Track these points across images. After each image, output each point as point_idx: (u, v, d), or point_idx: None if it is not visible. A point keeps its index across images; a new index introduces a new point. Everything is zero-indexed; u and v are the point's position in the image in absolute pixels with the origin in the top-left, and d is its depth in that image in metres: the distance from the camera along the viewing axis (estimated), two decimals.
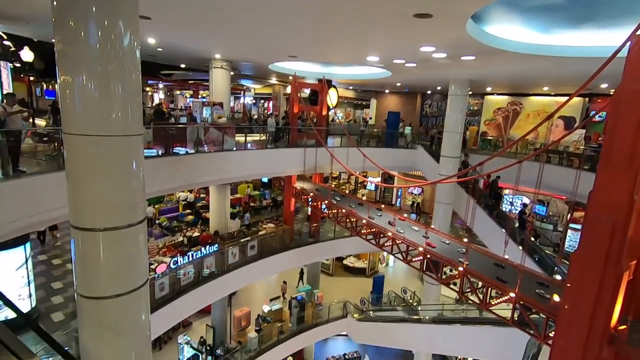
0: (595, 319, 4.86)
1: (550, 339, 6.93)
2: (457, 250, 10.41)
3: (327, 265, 24.02)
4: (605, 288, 4.74)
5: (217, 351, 13.52)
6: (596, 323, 4.85)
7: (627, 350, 4.88)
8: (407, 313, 15.19)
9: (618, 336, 4.90)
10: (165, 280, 10.30)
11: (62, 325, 8.67)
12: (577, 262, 5.27)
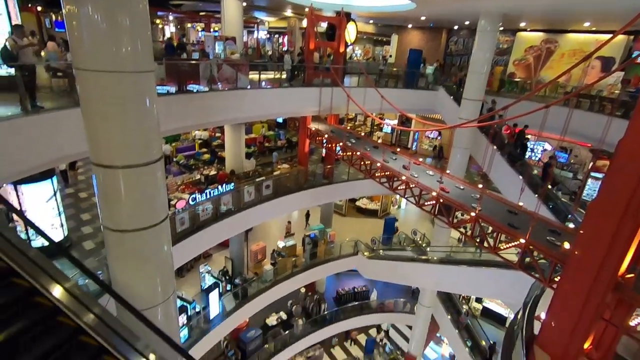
0: (604, 266, 4.91)
1: (555, 283, 7.13)
2: (470, 195, 10.39)
3: (340, 206, 24.61)
4: (619, 238, 4.71)
5: (236, 280, 14.59)
6: (604, 270, 4.91)
7: (632, 297, 4.99)
8: (416, 253, 15.76)
9: (624, 284, 4.98)
10: (185, 215, 10.80)
11: (93, 252, 9.37)
12: (595, 210, 5.21)
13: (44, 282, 3.88)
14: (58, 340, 3.69)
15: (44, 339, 3.62)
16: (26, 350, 3.45)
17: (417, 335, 16.61)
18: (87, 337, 3.90)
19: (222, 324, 12.42)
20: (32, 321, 3.69)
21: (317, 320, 16.31)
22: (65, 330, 3.80)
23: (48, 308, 3.84)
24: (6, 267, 3.91)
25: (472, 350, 13.95)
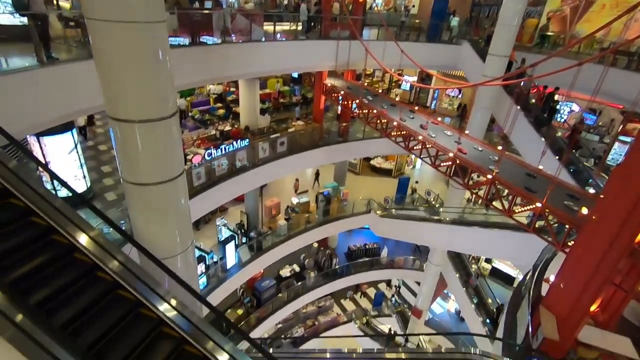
0: (621, 233, 4.82)
1: (568, 248, 7.11)
2: (489, 157, 10.16)
3: (355, 165, 24.57)
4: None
5: (251, 234, 15.12)
6: (621, 237, 4.83)
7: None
8: (428, 213, 15.84)
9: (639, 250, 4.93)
10: (201, 170, 11.01)
11: (115, 203, 9.77)
12: (619, 175, 5.02)
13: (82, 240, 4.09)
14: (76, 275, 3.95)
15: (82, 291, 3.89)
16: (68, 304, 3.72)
17: (424, 291, 17.18)
18: (114, 282, 4.17)
19: (238, 274, 13.08)
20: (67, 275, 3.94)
21: (328, 273, 16.98)
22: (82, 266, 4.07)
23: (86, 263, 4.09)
24: (46, 226, 4.11)
25: (478, 307, 14.41)
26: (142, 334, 3.93)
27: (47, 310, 3.57)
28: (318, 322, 18.03)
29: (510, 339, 6.73)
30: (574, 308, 5.48)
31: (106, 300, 4.00)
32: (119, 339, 3.81)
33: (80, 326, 3.63)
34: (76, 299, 3.78)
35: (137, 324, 3.99)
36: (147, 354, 3.82)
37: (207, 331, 4.04)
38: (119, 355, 3.63)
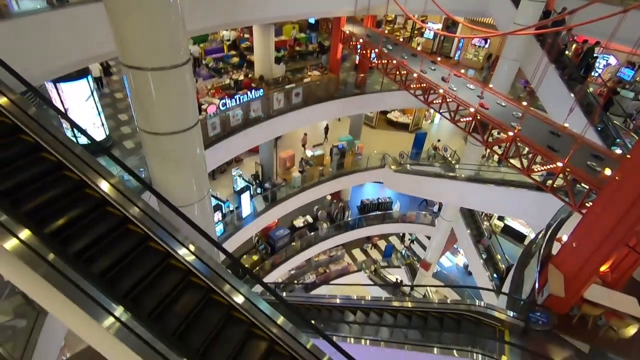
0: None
1: (585, 209, 7.00)
2: (512, 113, 9.74)
3: (371, 118, 24.04)
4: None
5: (265, 185, 15.40)
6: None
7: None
8: (443, 169, 15.66)
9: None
10: (216, 120, 10.98)
11: (134, 151, 9.97)
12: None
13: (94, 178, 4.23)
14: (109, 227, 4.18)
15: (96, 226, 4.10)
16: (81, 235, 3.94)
17: (434, 245, 17.53)
18: (134, 226, 4.37)
19: (253, 223, 13.54)
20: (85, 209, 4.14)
21: (340, 225, 17.41)
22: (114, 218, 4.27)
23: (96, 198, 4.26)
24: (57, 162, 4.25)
25: (486, 263, 14.71)
26: (154, 264, 4.18)
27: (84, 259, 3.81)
28: (329, 270, 18.86)
29: (516, 294, 6.92)
30: (584, 267, 5.52)
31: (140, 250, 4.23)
32: (131, 267, 4.03)
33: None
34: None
35: (147, 254, 4.23)
36: (158, 280, 4.09)
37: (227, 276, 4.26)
38: (129, 283, 3.89)
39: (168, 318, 3.89)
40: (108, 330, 3.35)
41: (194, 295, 4.20)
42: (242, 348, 4.02)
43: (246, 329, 4.17)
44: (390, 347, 6.54)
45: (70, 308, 3.31)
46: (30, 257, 3.31)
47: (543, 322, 5.71)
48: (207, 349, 3.84)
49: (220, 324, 4.07)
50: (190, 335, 3.85)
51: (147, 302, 3.88)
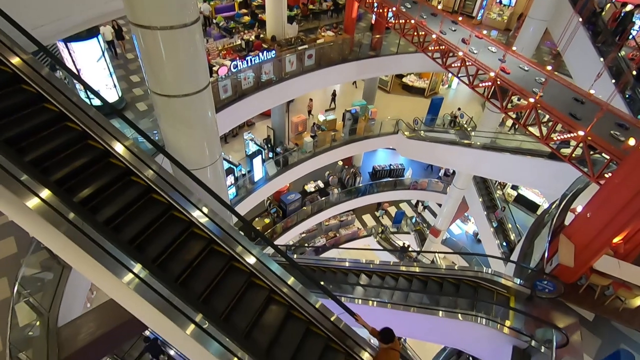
0: None
1: (604, 179, 6.83)
2: (534, 78, 9.29)
3: (385, 82, 23.32)
4: None
5: (277, 149, 15.39)
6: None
7: None
8: (458, 137, 15.31)
9: None
10: (227, 83, 10.81)
11: (146, 113, 9.99)
12: None
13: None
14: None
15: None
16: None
17: (445, 213, 17.55)
18: (156, 194, 4.48)
19: (265, 186, 13.70)
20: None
21: (351, 191, 17.49)
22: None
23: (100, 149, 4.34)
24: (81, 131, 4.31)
25: (496, 231, 14.73)
26: (177, 232, 4.34)
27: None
28: (339, 234, 19.22)
29: (524, 263, 6.96)
30: (597, 238, 5.47)
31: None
32: (156, 237, 4.21)
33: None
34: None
35: (170, 224, 4.38)
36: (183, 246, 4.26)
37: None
38: (157, 249, 4.08)
39: (193, 283, 4.10)
40: (128, 285, 3.55)
41: (219, 262, 4.37)
42: (242, 296, 4.24)
43: (247, 279, 4.37)
44: (396, 309, 6.77)
45: (89, 263, 3.49)
46: (53, 216, 3.46)
47: (549, 290, 5.78)
48: None
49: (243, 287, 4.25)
50: None
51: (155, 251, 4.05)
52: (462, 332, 6.36)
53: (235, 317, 4.11)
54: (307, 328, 4.44)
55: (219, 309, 4.06)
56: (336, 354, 4.39)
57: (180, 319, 3.58)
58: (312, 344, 4.34)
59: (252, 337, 4.09)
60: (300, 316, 4.47)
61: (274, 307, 4.43)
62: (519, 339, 5.52)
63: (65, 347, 4.82)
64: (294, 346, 4.19)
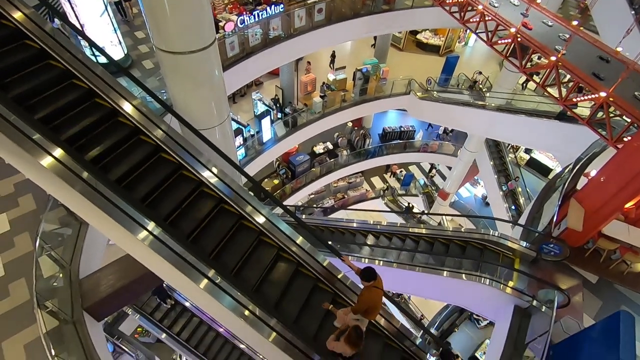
0: None
1: (622, 143, 6.62)
2: (558, 35, 8.75)
3: (399, 39, 22.26)
4: None
5: (286, 110, 15.16)
6: None
7: None
8: (472, 98, 14.82)
9: None
10: (234, 39, 10.43)
11: (153, 72, 9.81)
12: None
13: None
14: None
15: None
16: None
17: (454, 176, 17.44)
18: (166, 154, 4.50)
19: (274, 147, 13.67)
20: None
21: (360, 153, 17.38)
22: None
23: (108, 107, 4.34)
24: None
25: (506, 195, 14.68)
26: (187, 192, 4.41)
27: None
28: (347, 195, 19.39)
29: (532, 226, 6.98)
30: (609, 203, 5.42)
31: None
32: (169, 197, 4.30)
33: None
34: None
35: (180, 183, 4.46)
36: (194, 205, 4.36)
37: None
38: (168, 208, 4.17)
39: (205, 240, 4.23)
40: (143, 242, 3.68)
41: (229, 221, 4.47)
42: (252, 253, 4.40)
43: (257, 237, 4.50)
44: (402, 268, 6.95)
45: (104, 220, 3.61)
46: (68, 175, 3.53)
47: (555, 254, 5.84)
48: None
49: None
50: None
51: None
52: (466, 292, 6.56)
53: (245, 273, 4.28)
54: (315, 285, 4.61)
55: (230, 264, 4.21)
56: (377, 337, 4.58)
57: (193, 273, 3.74)
58: (319, 298, 4.53)
59: (261, 291, 4.28)
60: (307, 272, 4.63)
61: (283, 264, 4.59)
62: (521, 299, 5.67)
63: (87, 297, 5.12)
64: (301, 300, 4.38)
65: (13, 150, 3.43)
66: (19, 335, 5.08)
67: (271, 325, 3.93)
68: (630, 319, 4.01)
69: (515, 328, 5.46)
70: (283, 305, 4.31)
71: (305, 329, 4.23)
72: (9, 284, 5.55)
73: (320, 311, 4.41)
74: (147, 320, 9.63)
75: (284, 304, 4.33)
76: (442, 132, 19.28)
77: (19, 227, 6.31)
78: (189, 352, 9.91)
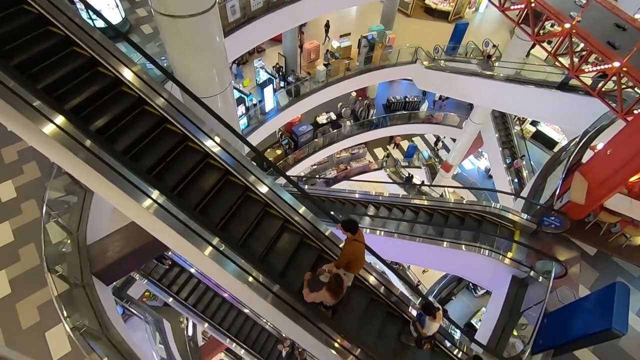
0: None
1: (632, 116, 6.49)
2: (574, 0, 8.35)
3: (406, 4, 21.37)
4: None
5: (289, 78, 14.84)
6: None
7: None
8: (480, 67, 14.39)
9: None
10: (235, 3, 10.03)
11: (153, 37, 9.53)
12: None
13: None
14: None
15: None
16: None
17: (458, 148, 17.29)
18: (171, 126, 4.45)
19: (277, 117, 13.51)
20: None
21: (364, 123, 17.16)
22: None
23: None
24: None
25: (509, 167, 14.60)
26: (193, 163, 4.41)
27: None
28: (350, 167, 19.38)
29: (534, 199, 7.00)
30: (614, 176, 5.39)
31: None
32: (172, 166, 4.31)
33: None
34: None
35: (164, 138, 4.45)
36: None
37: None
38: (174, 179, 4.20)
39: (212, 211, 4.27)
40: (148, 210, 3.73)
41: (235, 192, 4.49)
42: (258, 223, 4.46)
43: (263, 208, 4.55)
44: (402, 238, 7.05)
45: (108, 188, 3.64)
46: (70, 143, 3.52)
47: (555, 226, 5.88)
48: None
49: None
50: None
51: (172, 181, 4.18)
52: (465, 262, 6.69)
53: (251, 243, 4.36)
54: (319, 255, 4.71)
55: (236, 234, 4.28)
56: (363, 292, 4.73)
57: (199, 242, 3.80)
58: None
59: (267, 260, 4.38)
60: (311, 243, 4.71)
61: (288, 235, 4.67)
62: (519, 269, 5.78)
63: (95, 262, 5.27)
64: (305, 269, 4.49)
65: (16, 117, 3.41)
66: (32, 298, 5.28)
67: (275, 291, 4.05)
68: (625, 290, 4.10)
69: (511, 297, 5.61)
70: (287, 273, 4.43)
71: None
72: (19, 249, 5.70)
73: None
74: (154, 285, 9.96)
75: (288, 272, 4.44)
76: (438, 97, 18.91)
77: (25, 194, 6.40)
78: (195, 316, 10.32)
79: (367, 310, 4.70)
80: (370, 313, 4.73)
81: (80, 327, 4.36)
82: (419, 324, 4.26)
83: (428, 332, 4.17)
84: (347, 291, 4.40)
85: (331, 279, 3.61)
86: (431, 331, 4.17)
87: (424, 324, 4.16)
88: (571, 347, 4.54)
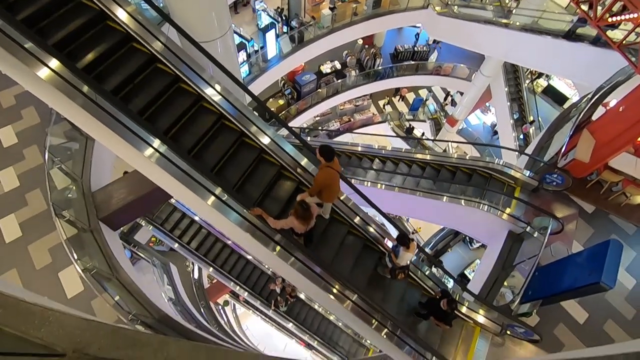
0: None
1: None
2: None
3: None
4: None
5: (292, 23, 14.04)
6: None
7: None
8: (496, 15, 13.50)
9: None
10: None
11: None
12: None
13: None
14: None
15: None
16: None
17: (466, 102, 16.81)
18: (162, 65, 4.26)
19: (279, 65, 12.98)
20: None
21: (369, 74, 16.54)
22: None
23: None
24: None
25: (516, 123, 14.32)
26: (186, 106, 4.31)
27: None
28: (354, 119, 19.04)
29: (539, 157, 6.93)
30: (623, 135, 5.29)
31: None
32: (165, 109, 4.18)
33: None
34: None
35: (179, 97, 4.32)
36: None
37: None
38: (166, 122, 4.10)
39: (207, 155, 4.22)
40: (150, 158, 3.71)
41: (230, 137, 4.42)
42: (255, 169, 4.47)
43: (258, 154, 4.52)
44: (403, 192, 7.12)
45: (105, 133, 3.59)
46: (67, 88, 3.41)
47: (557, 184, 5.89)
48: None
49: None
50: None
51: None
52: (463, 216, 6.80)
53: (247, 187, 4.36)
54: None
55: (232, 180, 4.26)
56: (341, 225, 4.80)
57: (194, 185, 3.78)
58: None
59: (263, 205, 4.40)
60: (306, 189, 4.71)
61: (283, 180, 4.66)
62: (516, 225, 5.90)
63: (101, 209, 5.38)
64: None
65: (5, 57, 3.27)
66: (42, 241, 5.48)
67: (276, 240, 4.13)
68: (619, 247, 4.20)
69: (506, 251, 5.78)
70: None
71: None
72: (26, 194, 5.80)
73: (320, 225, 4.56)
74: (159, 231, 10.29)
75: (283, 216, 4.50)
76: (432, 41, 18.02)
77: (27, 139, 6.37)
78: (200, 260, 10.79)
79: (345, 243, 4.78)
80: (349, 246, 4.82)
81: (91, 269, 4.57)
82: (393, 255, 4.42)
83: (401, 263, 4.34)
84: (325, 223, 4.49)
85: (296, 205, 3.54)
86: (404, 261, 4.34)
87: (398, 255, 4.32)
88: (559, 298, 4.77)
